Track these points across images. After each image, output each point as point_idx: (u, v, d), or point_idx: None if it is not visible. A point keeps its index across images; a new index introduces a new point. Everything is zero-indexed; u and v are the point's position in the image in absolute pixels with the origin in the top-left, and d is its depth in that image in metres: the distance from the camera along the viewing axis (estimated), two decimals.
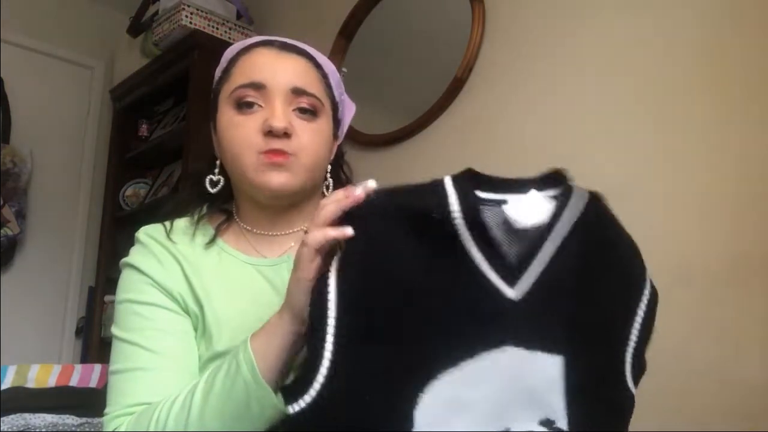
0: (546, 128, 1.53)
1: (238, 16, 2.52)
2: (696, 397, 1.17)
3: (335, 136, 0.87)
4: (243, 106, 0.78)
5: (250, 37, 0.88)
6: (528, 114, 1.58)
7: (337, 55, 2.04)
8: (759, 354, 1.12)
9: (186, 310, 0.77)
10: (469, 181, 0.60)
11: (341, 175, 0.91)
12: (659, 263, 1.27)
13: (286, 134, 0.76)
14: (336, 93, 0.86)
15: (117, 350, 0.75)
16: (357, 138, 1.91)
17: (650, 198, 1.32)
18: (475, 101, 1.72)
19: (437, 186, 0.58)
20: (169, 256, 0.79)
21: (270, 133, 0.75)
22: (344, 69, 2.02)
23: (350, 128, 0.95)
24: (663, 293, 1.26)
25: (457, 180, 0.59)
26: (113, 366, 0.74)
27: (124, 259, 0.82)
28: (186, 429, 0.63)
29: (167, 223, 0.84)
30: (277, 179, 0.76)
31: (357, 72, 1.99)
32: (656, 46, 1.36)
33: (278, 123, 0.75)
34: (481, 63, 1.71)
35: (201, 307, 0.76)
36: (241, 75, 0.79)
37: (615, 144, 1.39)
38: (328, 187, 0.86)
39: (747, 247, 1.16)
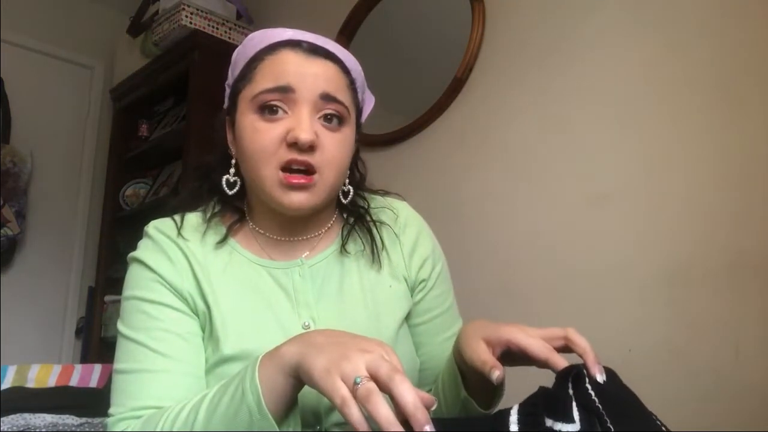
0: (546, 128, 1.53)
1: (238, 16, 2.52)
2: (694, 397, 1.17)
3: (356, 140, 0.84)
4: (267, 111, 0.74)
5: (248, 33, 0.83)
6: (528, 114, 1.58)
7: None
8: (758, 354, 1.11)
9: (194, 311, 0.76)
10: (535, 413, 0.53)
11: (355, 174, 0.88)
12: (658, 263, 1.28)
13: (311, 147, 0.72)
14: (360, 97, 0.83)
15: (123, 349, 0.73)
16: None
17: (650, 199, 1.32)
18: (475, 101, 1.72)
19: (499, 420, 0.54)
20: (179, 254, 0.77)
21: (295, 144, 0.71)
22: None
23: None
24: (662, 293, 1.26)
25: (522, 411, 0.54)
26: (119, 364, 0.73)
27: (133, 254, 0.79)
28: None
29: (178, 219, 0.81)
30: (297, 199, 0.73)
31: None
32: (656, 47, 1.36)
33: (305, 136, 0.71)
34: (481, 63, 1.71)
35: (209, 308, 0.75)
36: (267, 78, 0.75)
37: (614, 144, 1.39)
38: (346, 195, 0.83)
39: (746, 247, 1.16)
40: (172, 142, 2.42)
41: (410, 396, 0.50)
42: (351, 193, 0.83)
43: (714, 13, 1.27)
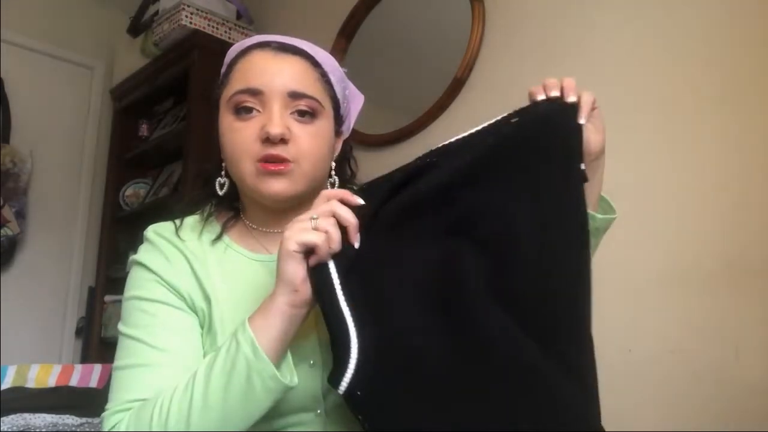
0: None
1: (238, 16, 2.52)
2: (695, 397, 1.17)
3: (338, 133, 0.87)
4: (241, 111, 0.78)
5: (250, 37, 0.87)
6: None
7: (337, 55, 2.04)
8: (758, 354, 1.12)
9: (193, 308, 0.77)
10: None
11: (347, 171, 0.90)
12: (657, 264, 1.28)
13: (283, 140, 0.75)
14: (338, 89, 0.85)
15: (122, 347, 0.75)
16: (357, 138, 1.91)
17: (649, 199, 1.32)
18: (475, 101, 1.72)
19: None
20: (177, 254, 0.80)
21: (267, 139, 0.75)
22: (344, 69, 2.02)
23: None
24: (662, 294, 1.26)
25: None
26: (117, 362, 0.74)
27: (133, 257, 0.81)
28: (190, 412, 0.63)
29: (177, 221, 0.84)
30: (276, 187, 0.76)
31: (357, 72, 1.98)
32: (657, 46, 1.36)
33: (275, 129, 0.74)
34: (481, 63, 1.71)
35: (209, 303, 0.77)
36: (239, 80, 0.79)
37: (613, 145, 1.39)
38: (333, 185, 0.85)
39: (745, 247, 1.16)
40: (172, 142, 2.42)
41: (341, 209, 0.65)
42: (336, 185, 0.85)
43: (715, 16, 1.27)
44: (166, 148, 2.51)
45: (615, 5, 1.44)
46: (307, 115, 0.79)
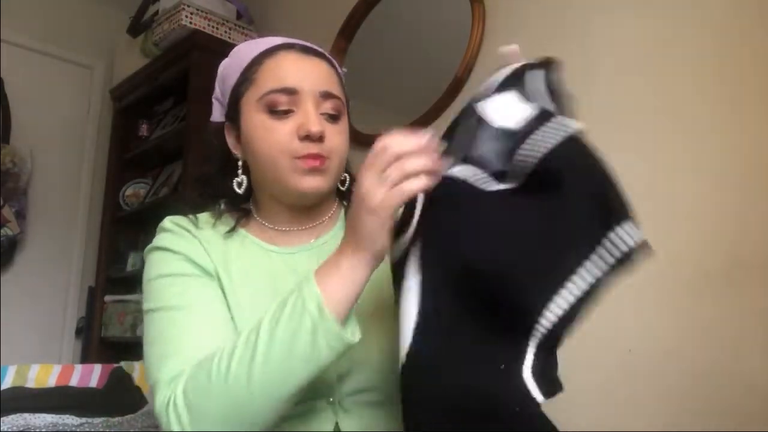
0: None
1: (238, 16, 2.52)
2: (695, 397, 1.17)
3: None
4: (276, 110, 0.79)
5: (250, 37, 0.88)
6: None
7: (337, 55, 2.04)
8: (758, 354, 1.11)
9: (219, 283, 0.78)
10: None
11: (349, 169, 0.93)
12: (658, 264, 1.27)
13: (320, 138, 0.78)
14: (345, 91, 0.89)
15: (151, 324, 0.74)
16: (357, 138, 1.91)
17: (650, 199, 1.31)
18: None
19: None
20: (195, 240, 0.81)
21: (307, 137, 0.77)
22: (344, 69, 2.02)
23: (350, 128, 0.96)
24: (662, 294, 1.26)
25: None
26: (149, 338, 0.73)
27: (150, 245, 0.82)
28: (251, 366, 0.62)
29: (191, 216, 0.85)
30: (311, 183, 0.79)
31: (357, 72, 1.98)
32: (659, 46, 1.36)
33: (315, 127, 0.77)
34: (481, 63, 1.71)
35: (223, 289, 0.78)
36: (270, 80, 0.80)
37: (614, 145, 1.39)
38: (344, 182, 0.88)
39: (746, 248, 1.16)
40: (172, 142, 2.42)
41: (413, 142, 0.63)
42: (348, 181, 0.89)
43: (716, 15, 1.27)
44: (166, 148, 2.51)
45: (615, 5, 1.44)
46: (334, 114, 0.82)
